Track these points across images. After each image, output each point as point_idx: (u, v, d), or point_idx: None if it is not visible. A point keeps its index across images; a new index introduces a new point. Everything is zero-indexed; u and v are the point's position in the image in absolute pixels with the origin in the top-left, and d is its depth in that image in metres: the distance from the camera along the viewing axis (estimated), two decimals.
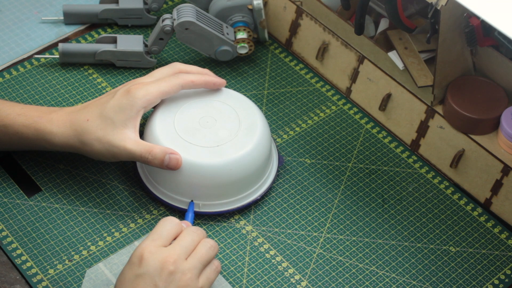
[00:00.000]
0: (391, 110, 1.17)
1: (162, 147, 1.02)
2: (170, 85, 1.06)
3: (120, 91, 1.04)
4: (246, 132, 1.06)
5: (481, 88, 1.11)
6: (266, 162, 1.08)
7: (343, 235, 1.06)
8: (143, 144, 1.02)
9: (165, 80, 1.06)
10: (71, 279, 1.00)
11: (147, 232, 1.05)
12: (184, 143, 1.04)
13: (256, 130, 1.06)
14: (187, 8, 1.19)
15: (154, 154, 1.01)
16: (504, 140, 1.07)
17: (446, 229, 1.08)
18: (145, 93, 1.03)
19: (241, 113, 1.08)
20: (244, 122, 1.07)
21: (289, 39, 1.28)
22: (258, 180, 1.07)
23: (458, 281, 1.02)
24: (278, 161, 1.11)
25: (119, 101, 1.03)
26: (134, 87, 1.04)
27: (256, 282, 1.01)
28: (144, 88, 1.04)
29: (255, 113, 1.09)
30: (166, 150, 1.02)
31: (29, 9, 1.32)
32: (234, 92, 1.11)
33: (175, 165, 1.02)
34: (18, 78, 1.21)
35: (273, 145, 1.13)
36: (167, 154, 1.01)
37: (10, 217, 1.05)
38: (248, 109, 1.09)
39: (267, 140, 1.08)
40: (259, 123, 1.07)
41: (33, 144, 1.05)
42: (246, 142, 1.05)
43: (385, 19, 1.19)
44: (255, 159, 1.05)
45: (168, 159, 1.01)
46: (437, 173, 1.14)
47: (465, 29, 1.06)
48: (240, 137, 1.05)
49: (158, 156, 1.01)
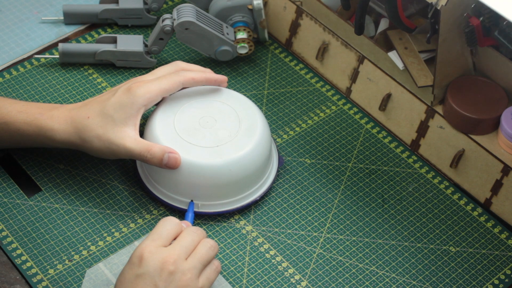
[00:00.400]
0: (391, 110, 1.17)
1: (161, 146, 1.02)
2: (170, 83, 1.06)
3: (121, 89, 1.04)
4: (246, 132, 1.06)
5: (481, 88, 1.11)
6: (266, 162, 1.08)
7: (343, 235, 1.06)
8: (142, 142, 1.02)
9: (166, 78, 1.06)
10: (71, 279, 1.00)
11: (147, 232, 1.05)
12: (184, 143, 1.04)
13: (256, 130, 1.06)
14: (187, 8, 1.19)
15: (153, 152, 1.01)
16: (504, 140, 1.07)
17: (446, 229, 1.08)
18: (145, 91, 1.04)
19: (241, 113, 1.08)
20: (244, 122, 1.07)
21: (289, 39, 1.28)
22: (258, 180, 1.07)
23: (458, 281, 1.02)
24: (278, 162, 1.11)
25: (120, 98, 1.03)
26: (135, 85, 1.04)
27: (256, 282, 1.01)
28: (145, 86, 1.04)
29: (255, 113, 1.09)
30: (165, 149, 1.02)
31: (29, 9, 1.32)
32: (234, 92, 1.11)
33: (173, 164, 1.02)
34: (18, 78, 1.21)
35: (273, 145, 1.13)
36: (166, 153, 1.01)
37: (10, 217, 1.05)
38: (248, 109, 1.09)
39: (267, 140, 1.08)
40: (259, 123, 1.07)
41: (34, 141, 1.06)
42: (246, 142, 1.05)
43: (385, 19, 1.19)
44: (255, 159, 1.05)
45: (167, 158, 1.01)
46: (437, 173, 1.14)
47: (465, 29, 1.06)
48: (240, 137, 1.05)
49: (157, 155, 1.01)
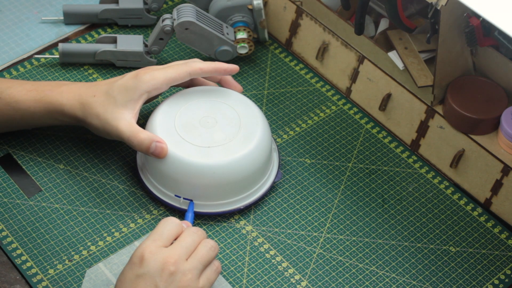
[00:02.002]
0: (391, 110, 1.17)
1: (149, 134, 1.03)
2: (177, 72, 1.07)
3: (130, 73, 1.07)
4: (246, 133, 1.06)
5: (481, 88, 1.11)
6: (267, 162, 1.08)
7: (343, 235, 1.06)
8: (133, 127, 1.04)
9: (173, 67, 1.07)
10: (71, 279, 1.00)
11: (147, 232, 1.05)
12: (184, 143, 1.04)
13: (256, 130, 1.06)
14: (187, 8, 1.19)
15: (140, 139, 1.03)
16: (504, 140, 1.07)
17: (446, 229, 1.08)
18: (151, 78, 1.05)
19: (242, 113, 1.08)
20: (244, 123, 1.07)
21: (289, 39, 1.28)
22: (259, 181, 1.07)
23: (458, 281, 1.02)
24: (276, 175, 1.10)
25: (126, 82, 1.05)
26: (142, 71, 1.06)
27: (256, 282, 1.01)
28: (151, 73, 1.06)
29: (255, 113, 1.09)
30: (153, 137, 1.03)
31: (29, 9, 1.32)
32: (234, 92, 1.11)
33: (159, 153, 1.03)
34: (18, 78, 1.21)
35: (274, 145, 1.13)
36: (154, 142, 1.03)
37: (10, 217, 1.05)
38: (248, 109, 1.09)
39: (268, 140, 1.07)
40: (259, 123, 1.07)
41: (44, 119, 1.08)
42: (247, 142, 1.05)
43: (385, 19, 1.19)
44: (256, 159, 1.05)
45: (154, 147, 1.03)
46: (437, 173, 1.14)
47: (465, 29, 1.06)
48: (241, 138, 1.05)
49: (144, 142, 1.03)
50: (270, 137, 1.09)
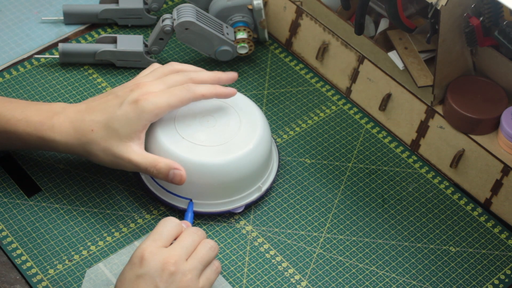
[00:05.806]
0: (391, 110, 1.17)
1: (167, 161, 1.01)
2: (180, 99, 1.03)
3: (128, 99, 1.02)
4: (246, 132, 1.06)
5: (481, 88, 1.11)
6: (266, 162, 1.08)
7: (343, 235, 1.06)
8: (148, 157, 1.01)
9: (175, 94, 1.03)
10: (71, 279, 1.00)
11: (147, 232, 1.05)
12: (185, 142, 1.04)
13: (256, 130, 1.06)
14: (187, 8, 1.19)
15: (159, 168, 1.00)
16: (504, 140, 1.07)
17: (446, 229, 1.08)
18: (154, 107, 1.01)
19: (242, 113, 1.08)
20: (244, 122, 1.07)
21: (289, 39, 1.28)
22: (259, 180, 1.07)
23: (458, 281, 1.02)
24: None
25: (126, 112, 1.01)
26: (143, 98, 1.01)
27: (256, 282, 1.01)
28: (153, 101, 1.01)
29: (255, 113, 1.09)
30: (171, 165, 1.00)
31: (29, 9, 1.32)
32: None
33: (178, 181, 1.01)
34: (18, 78, 1.21)
35: (274, 145, 1.13)
36: (172, 170, 1.00)
37: (10, 217, 1.05)
38: (248, 109, 1.09)
39: (267, 140, 1.08)
40: (259, 123, 1.07)
41: (37, 148, 1.06)
42: (246, 142, 1.05)
43: (385, 19, 1.19)
44: (255, 159, 1.05)
45: (173, 175, 1.00)
46: (437, 173, 1.14)
47: (465, 29, 1.06)
48: (240, 137, 1.05)
49: (162, 170, 1.00)
50: (270, 137, 1.09)
